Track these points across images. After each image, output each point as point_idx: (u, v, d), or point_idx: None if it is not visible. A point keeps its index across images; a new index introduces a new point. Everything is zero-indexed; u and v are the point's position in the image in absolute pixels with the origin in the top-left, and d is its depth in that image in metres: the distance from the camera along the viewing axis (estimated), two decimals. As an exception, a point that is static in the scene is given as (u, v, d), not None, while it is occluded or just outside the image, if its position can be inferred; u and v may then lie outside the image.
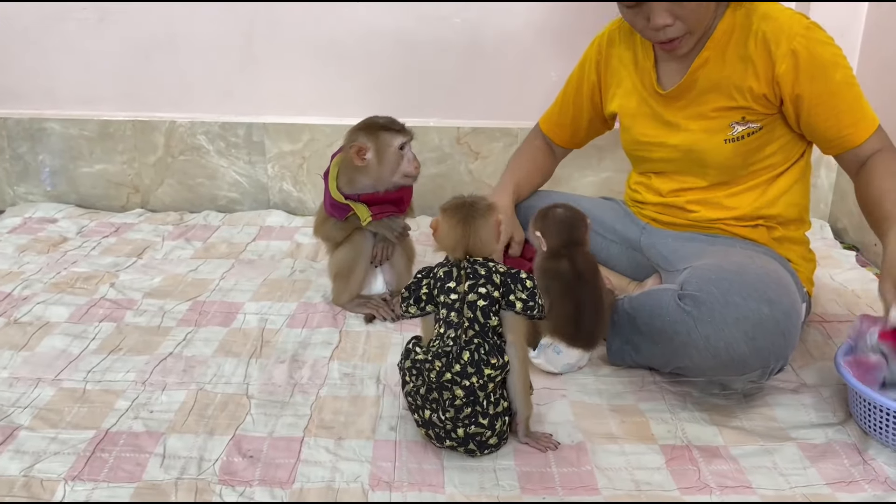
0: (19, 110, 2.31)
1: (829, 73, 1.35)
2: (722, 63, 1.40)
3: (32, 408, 1.31)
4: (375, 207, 1.58)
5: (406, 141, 1.55)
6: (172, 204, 2.35)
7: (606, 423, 1.29)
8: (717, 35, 1.40)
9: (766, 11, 1.37)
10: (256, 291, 1.78)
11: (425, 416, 1.18)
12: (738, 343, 1.21)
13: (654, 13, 1.33)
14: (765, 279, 1.25)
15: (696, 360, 1.27)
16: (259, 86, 2.25)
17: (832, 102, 1.36)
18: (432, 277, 1.20)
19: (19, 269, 1.87)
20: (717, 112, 1.42)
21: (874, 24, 2.06)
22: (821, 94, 1.35)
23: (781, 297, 1.24)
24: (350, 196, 1.57)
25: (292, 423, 1.28)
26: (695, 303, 1.25)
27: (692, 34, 1.38)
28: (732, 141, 1.42)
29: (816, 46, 1.34)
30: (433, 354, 1.14)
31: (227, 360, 1.47)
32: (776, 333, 1.22)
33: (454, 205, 1.22)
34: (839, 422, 1.29)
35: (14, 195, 2.37)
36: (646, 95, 1.52)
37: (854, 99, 1.37)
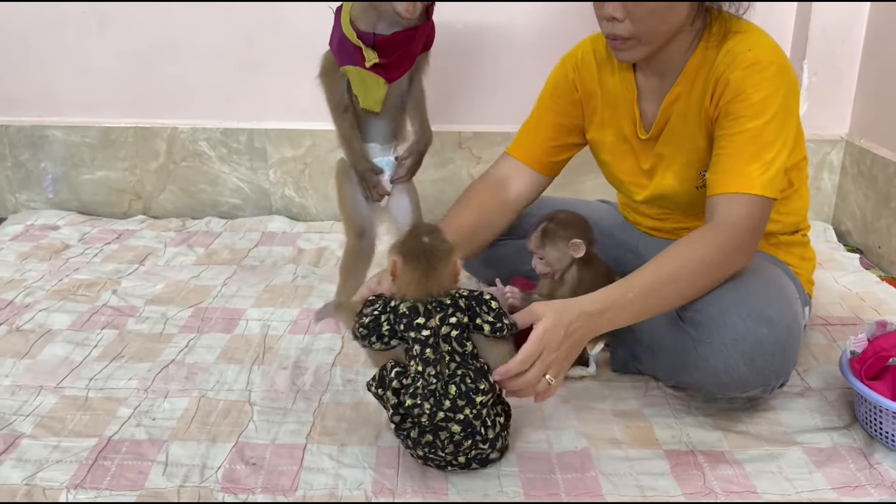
0: (21, 117, 2.31)
1: (742, 117, 1.23)
2: (689, 99, 1.32)
3: (34, 416, 1.31)
4: (384, 56, 1.44)
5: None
6: (174, 210, 2.35)
7: (610, 429, 1.28)
8: (688, 70, 1.32)
9: (731, 47, 1.27)
10: (258, 298, 1.78)
11: (420, 454, 1.16)
12: (736, 364, 1.19)
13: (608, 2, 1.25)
14: (763, 295, 1.23)
15: (697, 378, 1.26)
16: (260, 91, 2.25)
17: (723, 143, 1.25)
18: (392, 312, 1.13)
19: (21, 277, 1.87)
20: (688, 159, 1.34)
21: (876, 26, 2.05)
22: (723, 129, 1.26)
23: (781, 315, 1.21)
24: (363, 35, 1.43)
25: (295, 430, 1.28)
26: (692, 323, 1.24)
27: (641, 43, 1.28)
28: (702, 187, 1.35)
29: (749, 86, 1.23)
30: (421, 397, 1.08)
31: (229, 367, 1.47)
32: (775, 353, 1.20)
33: (413, 252, 1.14)
34: (845, 426, 1.29)
35: (16, 202, 2.37)
36: (626, 135, 1.44)
37: (749, 155, 1.22)
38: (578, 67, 1.47)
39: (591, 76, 1.46)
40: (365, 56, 1.44)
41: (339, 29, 1.47)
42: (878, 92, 2.04)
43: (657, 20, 1.25)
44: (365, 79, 1.47)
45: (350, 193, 1.60)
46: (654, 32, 1.27)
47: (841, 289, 1.82)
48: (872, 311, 1.70)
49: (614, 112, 1.44)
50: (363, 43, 1.44)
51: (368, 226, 1.62)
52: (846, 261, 1.98)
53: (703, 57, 1.31)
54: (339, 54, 1.48)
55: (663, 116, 1.37)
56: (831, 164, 2.20)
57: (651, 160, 1.42)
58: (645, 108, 1.41)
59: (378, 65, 1.45)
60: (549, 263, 1.40)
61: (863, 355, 1.29)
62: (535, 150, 1.53)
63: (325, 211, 2.33)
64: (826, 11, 2.07)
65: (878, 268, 1.97)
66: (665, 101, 1.36)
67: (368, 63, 1.44)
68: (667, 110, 1.36)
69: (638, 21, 1.25)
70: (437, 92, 2.21)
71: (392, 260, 1.16)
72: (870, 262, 2.00)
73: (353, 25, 1.45)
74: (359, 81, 1.48)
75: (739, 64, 1.24)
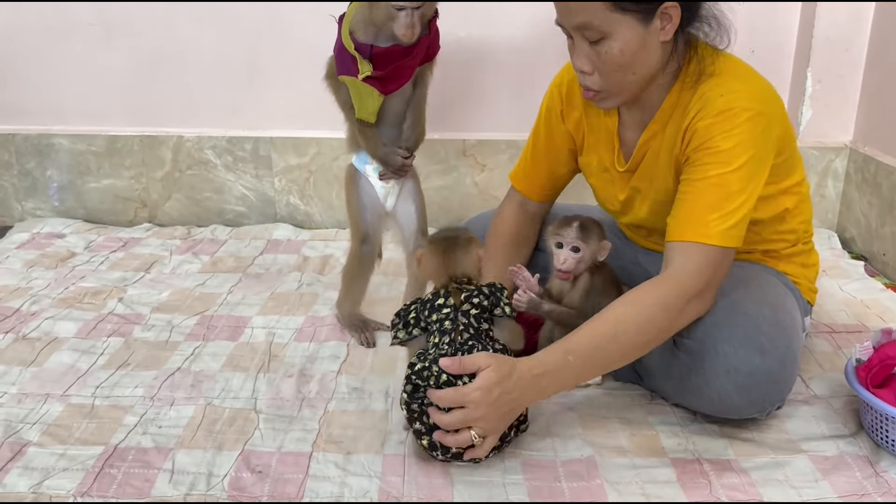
0: (27, 126, 2.32)
1: (708, 164, 1.20)
2: (663, 138, 1.30)
3: (41, 424, 1.31)
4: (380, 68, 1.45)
5: (408, 7, 1.39)
6: (180, 218, 2.36)
7: (616, 437, 1.28)
8: (664, 109, 1.29)
9: (705, 91, 1.23)
10: (264, 305, 1.78)
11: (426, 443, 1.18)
12: (729, 395, 1.20)
13: (574, 54, 1.24)
14: (758, 321, 1.21)
15: (693, 403, 1.28)
16: (266, 100, 2.26)
17: (686, 188, 1.23)
18: (420, 302, 1.28)
19: (27, 285, 1.88)
20: (664, 196, 1.31)
21: (879, 34, 2.06)
22: (687, 174, 1.23)
23: (775, 343, 1.20)
24: (361, 46, 1.44)
25: (301, 438, 1.28)
26: (687, 351, 1.24)
27: (612, 95, 1.25)
28: None
29: (717, 135, 1.19)
30: (430, 361, 1.15)
31: (234, 375, 1.47)
32: (769, 382, 1.20)
33: (437, 238, 1.32)
34: (850, 433, 1.29)
35: (22, 210, 2.38)
36: (608, 165, 1.41)
37: (709, 203, 1.19)
38: (564, 97, 1.45)
39: (577, 104, 1.44)
40: (359, 68, 1.45)
41: (339, 37, 1.48)
42: (882, 99, 2.04)
43: (625, 72, 1.22)
44: (360, 90, 1.48)
45: (357, 199, 1.62)
46: (622, 84, 1.24)
47: (846, 296, 1.82)
48: (877, 319, 1.70)
49: (597, 140, 1.43)
50: (360, 54, 1.45)
51: (372, 232, 1.63)
52: (851, 268, 1.98)
53: (678, 98, 1.28)
54: (338, 64, 1.49)
55: (640, 151, 1.35)
56: (835, 171, 2.20)
57: (627, 192, 1.40)
58: (626, 138, 1.38)
59: (373, 77, 1.46)
60: (583, 259, 1.36)
61: (868, 363, 1.29)
62: (537, 185, 1.56)
63: (329, 219, 2.33)
64: (830, 19, 2.07)
65: (882, 275, 1.97)
66: (642, 137, 1.33)
67: (361, 75, 1.45)
68: (643, 146, 1.34)
69: (605, 75, 1.22)
70: (442, 100, 2.22)
71: (419, 251, 1.32)
72: (874, 270, 2.00)
73: (353, 36, 1.45)
74: (354, 92, 1.50)
75: (710, 111, 1.20)
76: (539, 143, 1.52)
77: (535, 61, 2.17)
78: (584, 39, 1.20)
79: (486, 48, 2.17)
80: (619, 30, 1.17)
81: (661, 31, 1.20)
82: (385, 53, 1.45)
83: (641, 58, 1.21)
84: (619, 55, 1.19)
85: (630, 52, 1.19)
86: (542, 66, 2.17)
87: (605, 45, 1.18)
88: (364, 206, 1.61)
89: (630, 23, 1.17)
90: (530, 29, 2.15)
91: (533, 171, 1.55)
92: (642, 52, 1.20)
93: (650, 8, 1.17)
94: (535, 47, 2.16)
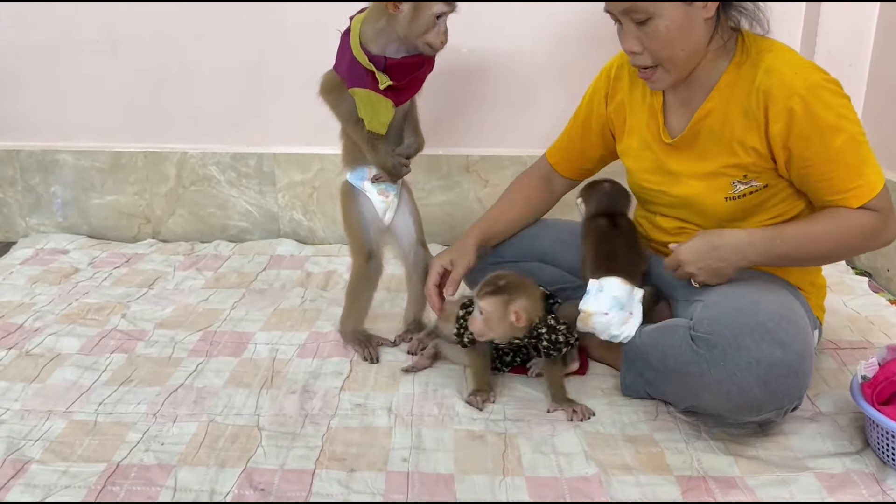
0: (32, 142, 2.34)
1: (827, 139, 1.28)
2: (724, 116, 1.36)
3: (44, 440, 1.31)
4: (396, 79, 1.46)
5: (446, 12, 1.43)
6: (183, 234, 2.36)
7: (621, 454, 1.28)
8: (721, 86, 1.36)
9: (770, 65, 1.31)
10: (267, 321, 1.78)
11: None
12: (751, 387, 1.20)
13: (623, 37, 1.33)
14: (777, 318, 1.23)
15: (710, 402, 1.27)
16: (269, 116, 2.27)
17: (826, 168, 1.30)
18: None
19: (31, 301, 1.88)
20: (720, 169, 1.38)
21: (881, 51, 2.06)
22: (814, 157, 1.30)
23: (794, 339, 1.22)
24: (374, 58, 1.44)
25: (304, 455, 1.27)
26: (707, 346, 1.24)
27: (666, 71, 1.34)
28: (733, 199, 1.38)
29: (817, 107, 1.27)
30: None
31: (237, 391, 1.47)
32: (790, 376, 1.20)
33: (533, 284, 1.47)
34: (856, 451, 1.28)
35: (26, 226, 2.39)
36: (650, 140, 1.48)
37: (855, 165, 1.30)
38: (612, 79, 1.55)
39: (622, 86, 1.53)
40: (378, 79, 1.44)
41: (348, 51, 1.47)
42: (885, 115, 2.04)
43: (673, 48, 1.30)
44: (374, 101, 1.47)
45: (357, 216, 1.61)
46: (673, 60, 1.32)
47: (850, 312, 1.81)
48: (882, 335, 1.69)
49: (640, 120, 1.50)
50: (375, 66, 1.44)
51: (376, 248, 1.63)
52: (855, 284, 1.98)
53: (737, 74, 1.35)
54: (349, 77, 1.48)
55: (693, 130, 1.40)
56: (839, 186, 2.20)
57: (676, 166, 1.44)
58: (669, 114, 1.45)
59: (392, 88, 1.45)
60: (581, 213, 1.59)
61: (874, 380, 1.28)
62: (572, 163, 1.68)
63: (332, 234, 2.34)
64: (832, 35, 2.07)
65: (887, 291, 1.97)
66: (696, 115, 1.39)
67: (382, 86, 1.45)
68: (697, 124, 1.39)
69: (654, 53, 1.32)
70: (445, 116, 2.23)
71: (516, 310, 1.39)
72: (879, 286, 2.00)
73: (364, 49, 1.45)
74: (367, 103, 1.48)
75: (797, 90, 1.27)
76: (578, 122, 1.64)
77: (538, 78, 2.18)
78: (631, 21, 1.31)
79: (490, 64, 2.18)
80: (664, 9, 1.27)
81: (703, 9, 1.29)
82: (398, 64, 1.45)
83: (687, 34, 1.30)
84: (666, 32, 1.29)
85: (676, 28, 1.29)
86: (545, 83, 2.19)
87: (652, 24, 1.29)
88: (366, 223, 1.60)
89: (672, 3, 1.27)
90: (533, 45, 2.16)
91: (567, 147, 1.67)
92: (687, 28, 1.30)
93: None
94: (539, 64, 2.17)
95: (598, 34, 2.10)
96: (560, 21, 2.13)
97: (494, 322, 1.39)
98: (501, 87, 2.21)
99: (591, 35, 2.12)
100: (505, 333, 1.42)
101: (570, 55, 2.16)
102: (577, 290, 1.67)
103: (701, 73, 1.37)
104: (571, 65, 2.16)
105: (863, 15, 2.06)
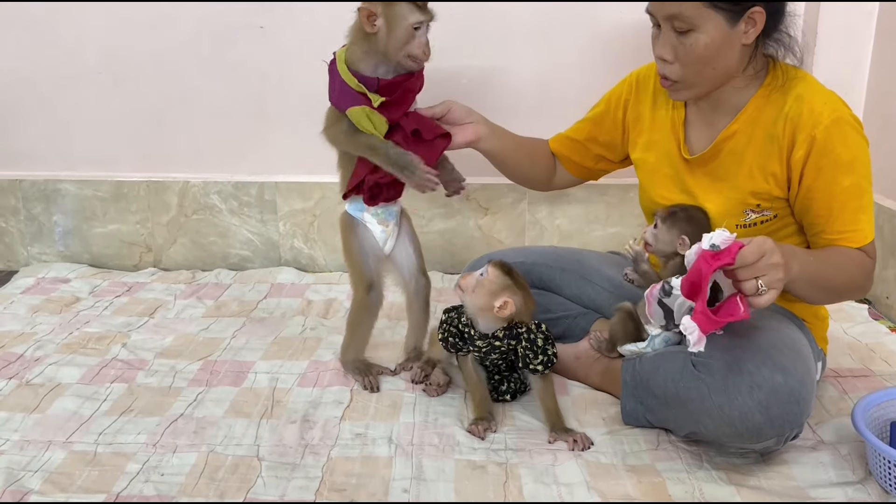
0: (35, 172, 2.35)
1: (837, 175, 1.30)
2: (749, 139, 1.37)
3: (43, 471, 1.30)
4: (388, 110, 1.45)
5: (424, 21, 1.42)
6: (185, 263, 2.37)
7: (623, 484, 1.27)
8: (749, 109, 1.37)
9: (801, 93, 1.33)
10: (267, 350, 1.78)
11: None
12: (752, 412, 1.20)
13: (658, 43, 1.34)
14: (778, 345, 1.24)
15: (711, 428, 1.26)
16: (271, 145, 2.29)
17: (828, 203, 1.32)
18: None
19: (32, 330, 1.88)
20: (736, 195, 1.39)
21: (878, 78, 2.08)
22: (819, 190, 1.32)
23: (795, 365, 1.22)
24: (365, 80, 1.44)
25: (303, 486, 1.27)
26: (708, 370, 1.24)
27: (686, 87, 1.36)
28: (745, 227, 1.39)
29: (837, 143, 1.29)
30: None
31: (237, 421, 1.47)
32: (791, 402, 1.20)
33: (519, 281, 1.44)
34: (859, 480, 1.27)
35: (28, 255, 2.39)
36: (670, 155, 1.49)
37: (853, 210, 1.32)
38: (635, 87, 1.56)
39: (645, 98, 1.54)
40: (371, 99, 1.44)
41: (338, 78, 1.47)
42: (882, 143, 2.06)
43: (705, 65, 1.31)
44: (370, 115, 1.45)
45: (357, 247, 1.60)
46: (701, 76, 1.33)
47: (850, 340, 1.81)
48: (882, 363, 1.69)
49: (661, 132, 1.50)
50: (367, 87, 1.44)
51: (377, 278, 1.63)
52: (855, 312, 1.98)
53: (766, 100, 1.36)
54: (342, 101, 1.47)
55: (715, 149, 1.41)
56: (837, 214, 2.21)
57: (692, 183, 1.45)
58: (690, 131, 1.46)
59: (385, 104, 1.45)
60: (657, 238, 1.45)
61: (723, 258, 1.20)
62: (573, 153, 1.69)
63: (333, 262, 2.34)
64: (828, 63, 2.09)
65: (887, 318, 1.97)
66: (721, 135, 1.39)
67: (376, 103, 1.44)
68: (720, 144, 1.40)
69: (686, 66, 1.32)
70: (445, 145, 2.24)
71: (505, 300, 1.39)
72: (879, 313, 2.00)
73: (354, 72, 1.45)
74: (365, 121, 1.46)
75: (822, 120, 1.29)
76: (590, 117, 1.66)
77: (538, 105, 2.20)
78: (671, 29, 1.31)
79: (487, 94, 2.19)
80: (707, 25, 1.28)
81: (745, 35, 1.30)
82: (390, 84, 1.45)
83: (722, 54, 1.31)
84: (703, 49, 1.29)
85: (714, 47, 1.29)
86: (545, 110, 2.20)
87: (692, 37, 1.29)
88: (366, 253, 1.60)
89: (718, 20, 1.27)
90: (534, 73, 2.18)
91: (572, 135, 1.69)
92: (724, 49, 1.30)
93: (739, 9, 1.27)
94: (539, 92, 2.19)
95: (599, 64, 2.12)
96: (559, 49, 2.15)
97: (483, 293, 1.40)
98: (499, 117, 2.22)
99: (591, 64, 2.14)
100: (481, 311, 1.42)
101: (570, 84, 2.17)
102: (577, 318, 1.68)
103: (728, 95, 1.38)
104: (572, 94, 2.18)
105: (859, 43, 2.09)
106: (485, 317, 1.43)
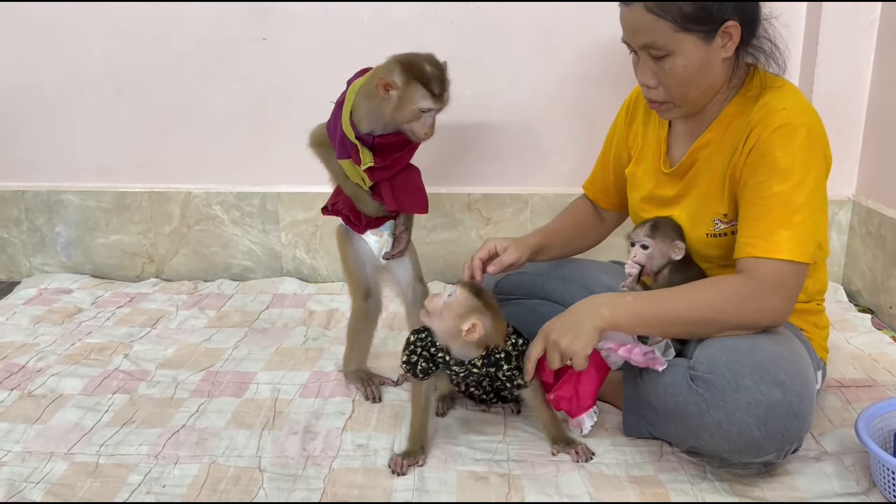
0: (37, 183, 2.35)
1: (770, 181, 1.26)
2: (718, 147, 1.37)
3: (45, 483, 1.30)
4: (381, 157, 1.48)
5: (434, 109, 1.45)
6: (187, 273, 2.37)
7: (626, 495, 1.27)
8: (723, 118, 1.37)
9: (767, 100, 1.31)
10: (269, 360, 1.78)
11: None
12: (750, 428, 1.19)
13: (639, 70, 1.34)
14: (776, 358, 1.23)
15: (710, 443, 1.25)
16: (273, 156, 2.29)
17: (752, 205, 1.28)
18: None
19: (34, 341, 1.88)
20: (704, 204, 1.38)
21: (879, 88, 2.08)
22: (751, 190, 1.28)
23: (794, 379, 1.21)
24: (361, 137, 1.46)
25: (305, 498, 1.26)
26: (706, 386, 1.23)
27: (676, 106, 1.35)
28: (714, 236, 1.38)
29: (778, 147, 1.25)
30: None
31: (239, 432, 1.46)
32: (789, 417, 1.20)
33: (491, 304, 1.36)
34: (862, 491, 1.27)
35: (30, 266, 2.40)
36: (651, 169, 1.50)
37: (775, 221, 1.25)
38: (631, 108, 1.58)
39: (636, 116, 1.55)
40: (361, 156, 1.47)
41: (340, 121, 1.49)
42: (884, 153, 2.06)
43: (689, 85, 1.31)
44: (358, 171, 1.51)
45: (353, 255, 1.62)
46: (687, 95, 1.33)
47: (853, 350, 1.81)
48: (886, 373, 1.69)
49: (648, 148, 1.51)
50: (362, 143, 1.47)
51: (374, 286, 1.64)
52: (858, 321, 1.97)
53: (739, 107, 1.35)
54: (338, 147, 1.50)
55: (690, 159, 1.41)
56: (840, 224, 2.21)
57: (669, 194, 1.45)
58: (674, 145, 1.46)
59: (373, 167, 1.48)
60: (651, 256, 1.41)
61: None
62: (608, 196, 1.67)
63: (335, 272, 2.34)
64: (830, 74, 2.10)
65: (890, 328, 1.96)
66: (695, 144, 1.39)
67: (364, 166, 1.47)
68: (694, 154, 1.40)
69: (669, 89, 1.32)
70: (447, 154, 2.25)
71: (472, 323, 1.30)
72: (882, 323, 1.99)
73: (354, 125, 1.47)
74: (353, 172, 1.52)
75: (772, 122, 1.27)
76: (607, 150, 1.65)
77: (538, 118, 2.21)
78: (649, 56, 1.30)
79: (490, 106, 2.20)
80: (683, 48, 1.27)
81: (723, 49, 1.29)
82: (385, 143, 1.48)
83: (704, 72, 1.30)
84: (683, 71, 1.29)
85: (693, 67, 1.29)
86: (545, 122, 2.21)
87: (670, 61, 1.29)
88: (362, 262, 1.62)
89: (693, 41, 1.27)
90: (532, 87, 2.18)
91: (601, 176, 1.67)
92: (705, 67, 1.29)
93: (712, 27, 1.26)
94: (540, 103, 2.20)
95: (599, 74, 2.13)
96: (562, 61, 2.16)
97: (451, 316, 1.30)
98: (501, 127, 2.24)
99: (592, 75, 2.15)
100: (450, 335, 1.32)
101: (572, 95, 2.18)
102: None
103: (710, 105, 1.38)
104: (573, 104, 2.19)
105: (860, 54, 2.09)
106: (455, 342, 1.33)
